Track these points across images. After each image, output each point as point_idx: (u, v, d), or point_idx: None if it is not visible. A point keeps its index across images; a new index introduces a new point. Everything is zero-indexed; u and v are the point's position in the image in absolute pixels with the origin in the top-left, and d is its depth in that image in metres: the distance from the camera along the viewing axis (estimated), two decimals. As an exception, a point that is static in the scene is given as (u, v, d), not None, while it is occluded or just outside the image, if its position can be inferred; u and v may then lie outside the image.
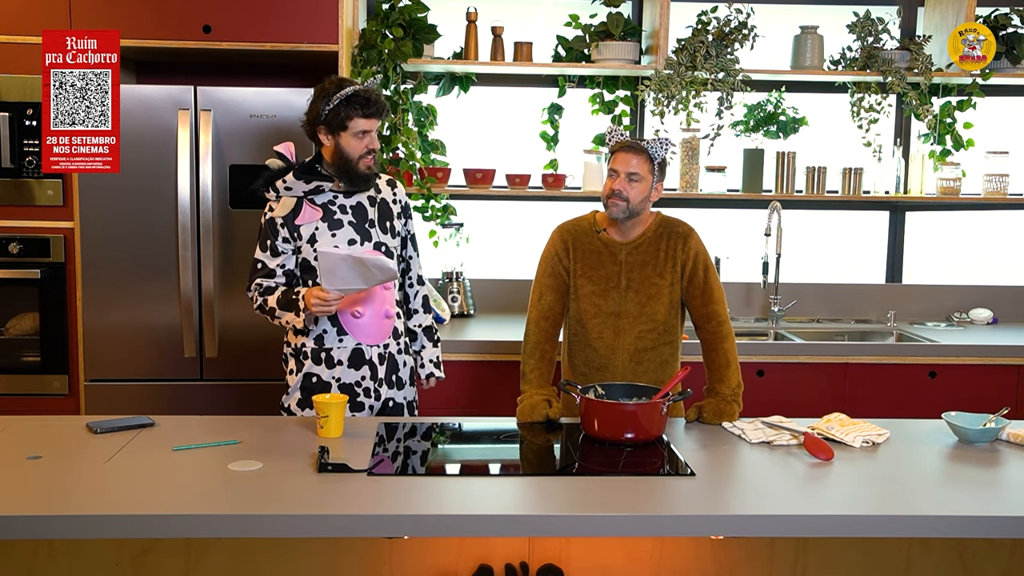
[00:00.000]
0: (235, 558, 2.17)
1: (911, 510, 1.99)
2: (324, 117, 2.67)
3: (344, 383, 2.76)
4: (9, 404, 3.59)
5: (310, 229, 2.72)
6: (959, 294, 4.41)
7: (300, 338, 2.79)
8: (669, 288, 2.79)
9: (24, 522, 1.86)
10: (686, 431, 2.53)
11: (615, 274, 2.80)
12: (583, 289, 2.82)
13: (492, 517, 1.93)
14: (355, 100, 2.65)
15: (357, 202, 2.78)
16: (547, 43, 4.17)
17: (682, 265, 2.78)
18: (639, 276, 2.79)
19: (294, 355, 2.81)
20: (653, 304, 2.78)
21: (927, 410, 3.55)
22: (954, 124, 4.25)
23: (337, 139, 2.68)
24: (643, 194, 2.72)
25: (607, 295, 2.80)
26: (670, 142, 2.76)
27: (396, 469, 2.22)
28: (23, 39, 3.50)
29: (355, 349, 2.76)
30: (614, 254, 2.81)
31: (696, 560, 2.23)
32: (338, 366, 2.76)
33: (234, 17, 3.58)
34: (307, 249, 2.72)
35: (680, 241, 2.79)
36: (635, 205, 2.72)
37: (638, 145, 2.74)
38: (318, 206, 2.73)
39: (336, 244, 2.71)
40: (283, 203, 2.73)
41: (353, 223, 2.75)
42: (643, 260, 2.79)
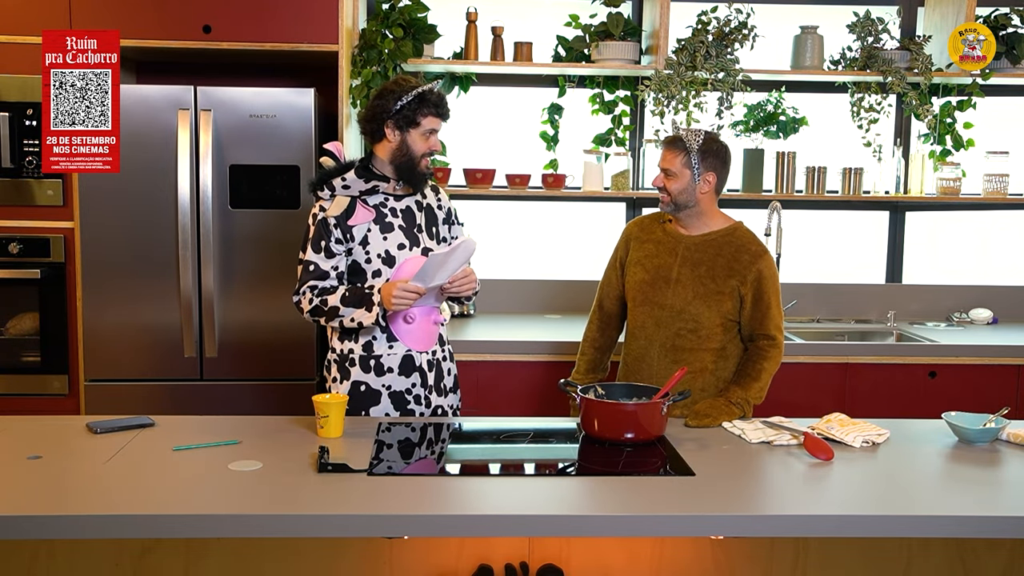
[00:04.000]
0: (235, 558, 2.17)
1: (911, 510, 1.99)
2: (397, 112, 2.63)
3: (395, 391, 2.71)
4: (9, 404, 3.60)
5: (363, 230, 2.65)
6: (959, 294, 4.41)
7: (347, 343, 2.70)
8: (721, 296, 2.74)
9: (24, 522, 1.86)
10: (686, 431, 2.53)
11: (669, 265, 2.80)
12: (636, 276, 2.84)
13: (492, 517, 1.93)
14: (430, 98, 2.65)
15: (406, 206, 2.73)
16: (547, 43, 4.17)
17: (742, 282, 2.74)
18: (692, 274, 2.76)
19: (339, 362, 2.72)
20: (699, 305, 2.74)
21: (927, 410, 3.55)
22: (954, 124, 4.25)
23: (405, 135, 2.65)
24: (682, 186, 2.74)
25: (656, 284, 2.80)
26: (702, 132, 2.76)
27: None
28: (23, 39, 3.50)
29: (405, 356, 2.71)
30: (674, 246, 2.82)
31: (696, 560, 2.23)
32: (388, 373, 2.70)
33: (234, 17, 3.58)
34: (358, 251, 2.66)
35: (748, 260, 2.75)
36: (678, 198, 2.75)
37: (670, 139, 2.80)
38: (371, 207, 2.68)
39: (387, 248, 2.67)
40: (337, 202, 2.65)
41: (403, 227, 2.70)
42: (700, 259, 2.77)
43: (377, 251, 2.66)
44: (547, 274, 4.39)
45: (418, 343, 2.73)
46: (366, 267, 2.66)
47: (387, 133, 2.66)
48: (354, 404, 2.68)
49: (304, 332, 3.64)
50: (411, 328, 2.71)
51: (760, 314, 2.74)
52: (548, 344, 3.63)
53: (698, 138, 2.75)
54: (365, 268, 2.67)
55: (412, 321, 2.70)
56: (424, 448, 2.46)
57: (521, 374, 3.65)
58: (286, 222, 3.60)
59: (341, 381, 2.71)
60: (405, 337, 2.70)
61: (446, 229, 2.87)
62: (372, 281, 2.66)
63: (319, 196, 2.69)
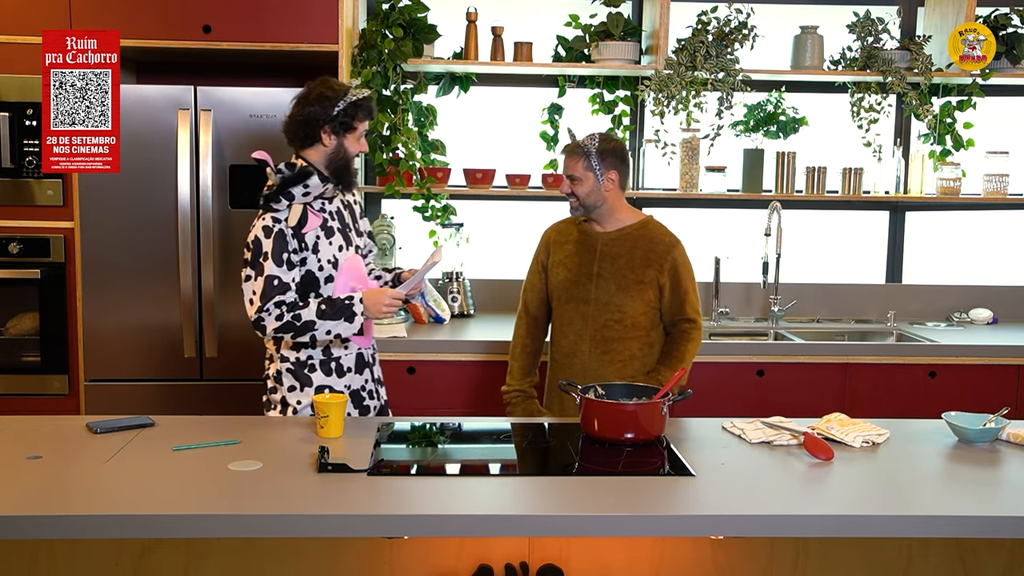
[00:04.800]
0: (235, 558, 2.17)
1: (911, 510, 1.99)
2: (333, 118, 2.64)
3: (353, 389, 2.75)
4: (9, 404, 3.60)
5: (313, 237, 2.64)
6: (959, 294, 4.41)
7: (305, 351, 2.68)
8: (642, 286, 2.89)
9: (24, 522, 1.86)
10: (686, 431, 2.53)
11: (589, 262, 2.93)
12: (558, 276, 2.98)
13: (492, 517, 1.93)
14: (363, 104, 2.69)
15: (337, 208, 2.75)
16: (547, 43, 4.17)
17: (660, 271, 2.89)
18: (612, 267, 2.90)
19: (295, 370, 2.69)
20: (622, 296, 2.89)
21: (927, 410, 3.55)
22: (954, 124, 4.25)
23: (342, 140, 2.67)
24: (588, 188, 2.88)
25: (579, 281, 2.93)
26: (597, 134, 2.89)
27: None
28: (23, 39, 3.50)
29: (358, 354, 2.76)
30: (592, 243, 2.95)
31: (696, 560, 2.23)
32: (348, 373, 2.73)
33: (234, 17, 3.58)
34: (311, 259, 2.63)
35: (663, 250, 2.90)
36: (586, 200, 2.89)
37: (568, 147, 2.93)
38: (318, 212, 2.67)
39: (333, 253, 2.67)
40: (293, 212, 2.62)
41: (340, 228, 2.73)
42: (618, 253, 2.91)
43: (327, 257, 2.66)
44: (547, 274, 4.38)
45: (366, 340, 2.78)
46: (319, 275, 2.65)
47: (323, 138, 2.66)
48: None
49: (304, 332, 3.64)
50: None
51: (679, 300, 2.90)
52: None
53: (594, 141, 2.89)
54: (318, 276, 2.65)
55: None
56: (424, 448, 2.47)
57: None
58: (286, 222, 3.59)
59: (302, 389, 2.69)
60: (356, 337, 2.71)
61: (363, 222, 2.91)
62: (324, 288, 2.66)
63: (273, 208, 2.60)
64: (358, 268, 2.74)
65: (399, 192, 3.98)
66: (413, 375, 3.64)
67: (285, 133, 2.71)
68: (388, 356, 3.62)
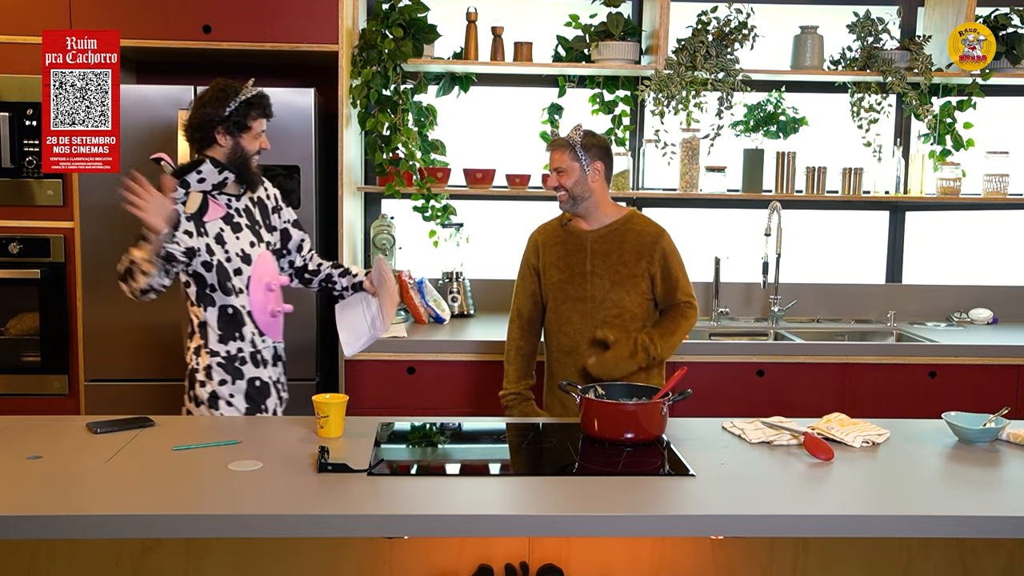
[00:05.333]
0: (235, 558, 2.17)
1: (911, 510, 1.98)
2: (226, 118, 2.69)
3: (274, 381, 2.85)
4: (9, 404, 3.60)
5: (216, 227, 2.72)
6: (959, 294, 4.41)
7: (232, 344, 2.74)
8: (635, 279, 2.92)
9: (24, 522, 1.86)
10: (686, 431, 2.53)
11: (581, 260, 2.96)
12: (553, 278, 3.00)
13: (492, 517, 1.93)
14: (257, 102, 2.74)
15: (245, 205, 2.81)
16: (547, 43, 4.17)
17: (651, 262, 2.93)
18: (604, 263, 2.94)
19: (226, 364, 2.74)
20: (618, 291, 2.92)
21: (927, 410, 3.55)
22: (954, 124, 4.25)
23: (238, 139, 2.72)
24: (575, 179, 2.92)
25: (574, 281, 2.96)
26: (580, 127, 2.94)
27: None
28: (23, 39, 3.50)
29: (273, 347, 2.85)
30: (581, 242, 2.98)
31: (696, 560, 2.23)
32: (269, 366, 2.83)
33: (234, 17, 3.58)
34: (218, 250, 2.70)
35: (650, 241, 2.94)
36: (574, 190, 2.92)
37: (554, 141, 2.99)
38: (221, 204, 2.75)
39: (242, 247, 2.74)
40: (191, 199, 2.70)
41: (248, 225, 2.79)
42: (608, 248, 2.95)
43: (235, 250, 2.74)
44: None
45: (279, 334, 2.88)
46: (228, 266, 2.72)
47: (218, 139, 2.71)
48: (253, 402, 2.77)
49: (305, 333, 3.64)
50: (276, 321, 2.83)
51: (671, 287, 2.95)
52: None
53: (579, 133, 2.94)
54: (228, 267, 2.72)
55: (277, 315, 2.82)
56: (424, 448, 2.47)
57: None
58: (286, 222, 3.60)
59: (234, 382, 2.74)
60: (271, 330, 2.82)
61: (276, 216, 2.93)
62: (235, 280, 2.73)
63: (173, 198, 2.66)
64: (270, 263, 2.83)
65: (399, 192, 3.98)
66: (413, 375, 3.64)
67: (184, 136, 2.78)
68: (388, 356, 3.63)
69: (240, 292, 2.74)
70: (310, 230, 3.61)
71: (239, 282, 2.74)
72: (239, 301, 2.74)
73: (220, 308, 2.73)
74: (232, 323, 2.74)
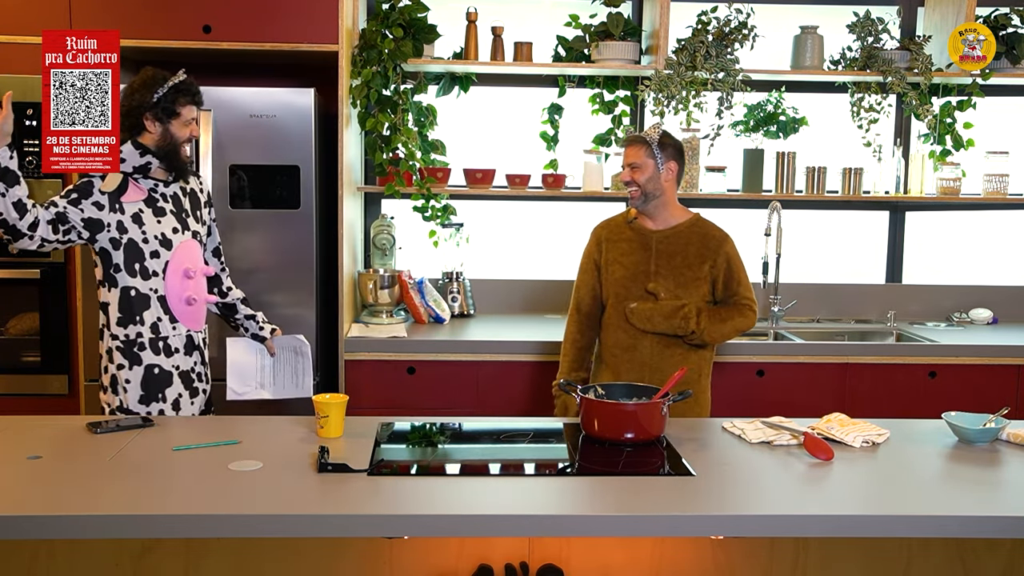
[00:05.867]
0: (235, 558, 2.17)
1: (911, 510, 1.98)
2: (155, 104, 2.72)
3: (183, 370, 2.81)
4: (9, 404, 3.59)
5: (134, 207, 2.73)
6: (959, 294, 4.41)
7: (133, 328, 2.73)
8: (698, 282, 2.95)
9: (24, 522, 1.86)
10: (686, 431, 2.53)
11: (645, 259, 2.98)
12: (615, 274, 3.01)
13: (492, 517, 1.93)
14: (185, 89, 2.75)
15: (173, 192, 2.82)
16: (547, 43, 4.17)
17: (714, 265, 2.96)
18: (668, 264, 2.96)
19: (124, 348, 2.74)
20: (682, 292, 2.95)
21: (927, 410, 3.55)
22: (954, 124, 4.25)
23: (167, 126, 2.73)
24: (648, 175, 2.95)
25: (637, 279, 2.98)
26: (660, 126, 2.99)
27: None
28: (23, 39, 3.50)
29: (187, 335, 2.82)
30: (646, 241, 3.00)
31: (696, 560, 2.23)
32: (176, 354, 2.80)
33: (234, 17, 3.58)
34: (135, 230, 2.71)
35: (715, 245, 2.97)
36: (646, 187, 2.95)
37: (632, 137, 3.02)
38: (142, 188, 2.76)
39: (162, 231, 2.75)
40: (110, 177, 2.72)
41: (174, 211, 2.80)
42: (673, 250, 2.97)
43: (154, 232, 2.74)
44: (547, 274, 4.39)
45: (196, 323, 2.85)
46: (144, 247, 2.73)
47: (147, 125, 2.73)
48: (149, 389, 2.75)
49: (304, 332, 3.63)
50: (191, 309, 2.82)
51: (731, 291, 2.98)
52: (548, 344, 3.63)
53: (657, 131, 2.98)
54: (143, 248, 2.73)
55: (194, 303, 2.81)
56: (424, 448, 2.47)
57: (520, 374, 3.65)
58: (286, 222, 3.60)
59: (131, 367, 2.74)
60: (186, 318, 2.81)
61: (207, 212, 2.95)
62: (150, 262, 2.73)
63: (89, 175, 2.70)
64: (194, 251, 2.84)
65: (399, 192, 3.98)
66: (413, 375, 3.64)
67: None
68: (388, 356, 3.63)
69: (155, 275, 2.74)
70: (310, 230, 3.62)
71: (155, 265, 2.74)
72: (151, 284, 2.74)
73: (122, 289, 2.72)
74: (134, 306, 2.72)
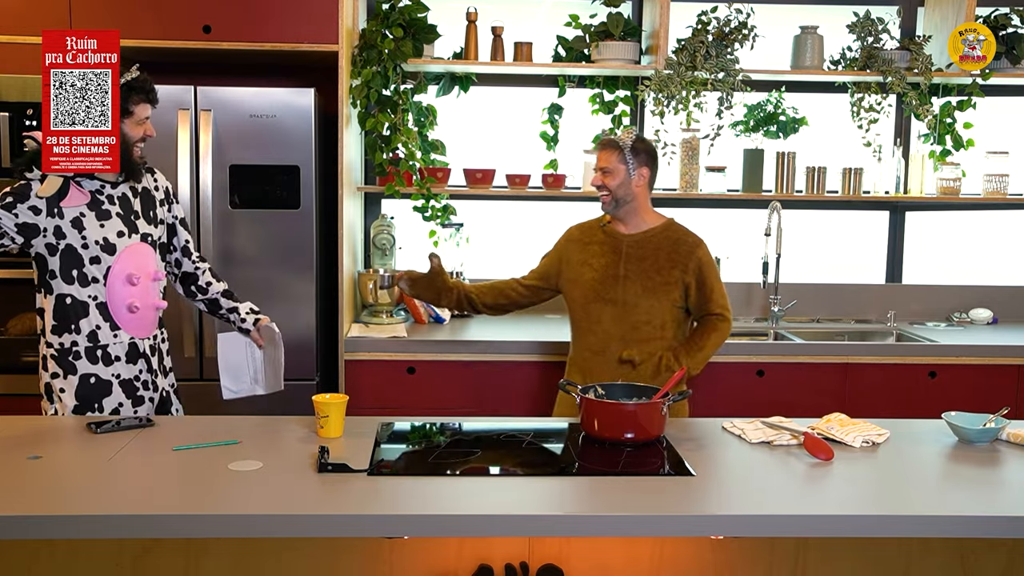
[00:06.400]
0: (235, 558, 2.17)
1: (911, 510, 1.98)
2: None
3: (124, 379, 2.72)
4: (9, 404, 3.59)
5: (75, 212, 2.64)
6: (959, 294, 4.41)
7: (68, 336, 2.66)
8: (668, 287, 2.91)
9: (24, 522, 1.86)
10: (686, 431, 2.53)
11: (615, 263, 2.95)
12: (585, 276, 2.98)
13: (492, 517, 1.93)
14: (139, 87, 2.67)
15: (122, 193, 2.73)
16: (547, 43, 4.17)
17: (685, 271, 2.92)
18: (638, 268, 2.92)
19: (59, 356, 2.67)
20: (649, 297, 2.91)
21: (927, 410, 3.55)
22: (954, 124, 4.26)
23: (120, 125, 2.62)
24: (620, 180, 2.92)
25: (605, 282, 2.94)
26: (633, 131, 2.98)
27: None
28: (23, 39, 3.50)
29: (130, 343, 2.73)
30: (617, 244, 2.97)
31: (696, 560, 2.23)
32: (116, 362, 2.71)
33: (234, 17, 3.58)
34: (73, 235, 2.62)
35: (687, 251, 2.93)
36: (617, 192, 2.93)
37: (604, 141, 2.99)
38: (85, 191, 2.67)
39: (105, 236, 2.66)
40: (49, 182, 2.60)
41: (120, 214, 2.71)
42: (643, 254, 2.93)
43: (95, 237, 2.64)
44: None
45: (141, 330, 2.76)
46: (83, 252, 2.64)
47: None
48: (85, 399, 2.67)
49: (304, 332, 3.65)
50: (134, 317, 2.73)
51: (704, 297, 2.93)
52: (548, 344, 3.63)
53: (630, 136, 2.95)
54: (82, 254, 2.64)
55: (136, 311, 2.72)
56: (424, 448, 2.47)
57: (520, 374, 3.65)
58: (286, 222, 3.60)
59: (65, 376, 2.67)
60: (129, 326, 2.72)
61: (164, 210, 2.87)
62: (90, 268, 2.65)
63: (27, 177, 2.62)
64: (141, 256, 2.73)
65: (399, 192, 3.98)
66: (413, 375, 3.64)
67: None
68: (388, 356, 3.63)
69: (94, 282, 2.66)
70: (310, 230, 3.62)
71: (95, 271, 2.65)
72: (90, 291, 2.65)
73: (57, 297, 2.65)
74: (68, 314, 2.65)
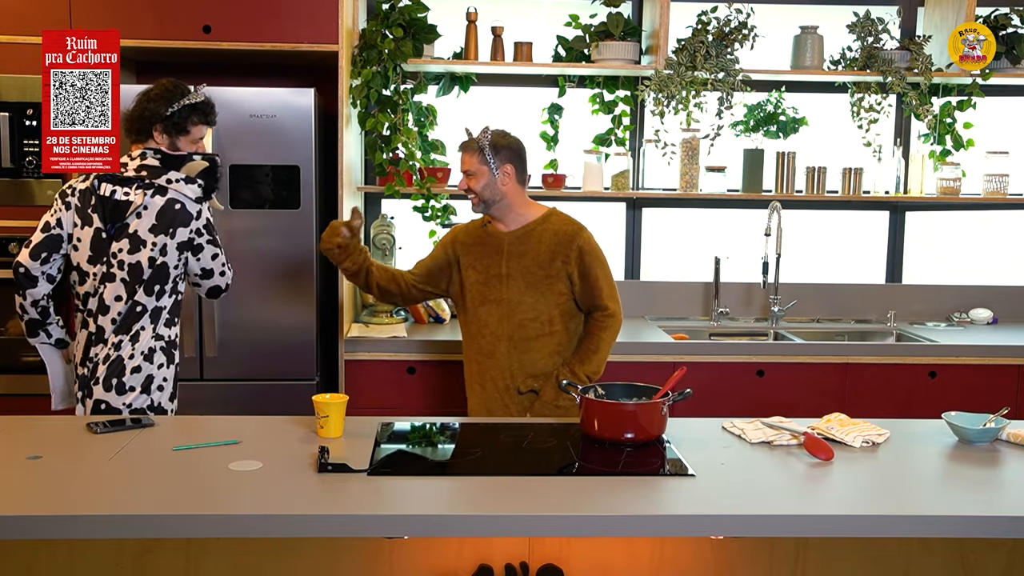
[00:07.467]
0: (235, 558, 2.17)
1: (911, 510, 1.98)
2: (167, 118, 2.72)
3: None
4: (9, 404, 3.59)
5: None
6: (959, 294, 4.41)
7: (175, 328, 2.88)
8: (550, 281, 2.89)
9: (24, 522, 1.86)
10: (686, 431, 2.53)
11: (497, 263, 2.93)
12: (471, 279, 2.97)
13: (492, 517, 1.93)
14: (201, 108, 2.77)
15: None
16: (547, 43, 4.17)
17: (566, 261, 2.88)
18: (519, 265, 2.90)
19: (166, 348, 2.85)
20: (532, 293, 2.89)
21: (927, 410, 3.55)
22: (954, 124, 4.26)
23: (174, 141, 2.74)
24: (484, 182, 2.89)
25: (489, 283, 2.93)
26: (488, 128, 2.94)
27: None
28: (23, 39, 3.50)
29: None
30: (498, 243, 2.95)
31: (696, 560, 2.23)
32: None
33: (234, 17, 3.58)
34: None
35: (566, 239, 2.90)
36: (483, 194, 2.90)
37: (462, 144, 2.96)
38: None
39: None
40: (215, 201, 2.89)
41: None
42: (524, 250, 2.91)
43: None
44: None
45: None
46: None
47: (155, 135, 2.74)
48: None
49: (304, 332, 3.64)
50: None
51: (589, 287, 2.89)
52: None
53: (487, 135, 2.92)
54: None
55: None
56: (424, 448, 2.47)
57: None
58: (286, 222, 3.60)
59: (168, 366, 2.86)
60: None
61: None
62: None
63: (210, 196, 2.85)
64: None
65: (399, 192, 3.98)
66: (413, 375, 3.63)
67: (123, 125, 2.76)
68: (388, 356, 3.63)
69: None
70: (310, 230, 3.62)
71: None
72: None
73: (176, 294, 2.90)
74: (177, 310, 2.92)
